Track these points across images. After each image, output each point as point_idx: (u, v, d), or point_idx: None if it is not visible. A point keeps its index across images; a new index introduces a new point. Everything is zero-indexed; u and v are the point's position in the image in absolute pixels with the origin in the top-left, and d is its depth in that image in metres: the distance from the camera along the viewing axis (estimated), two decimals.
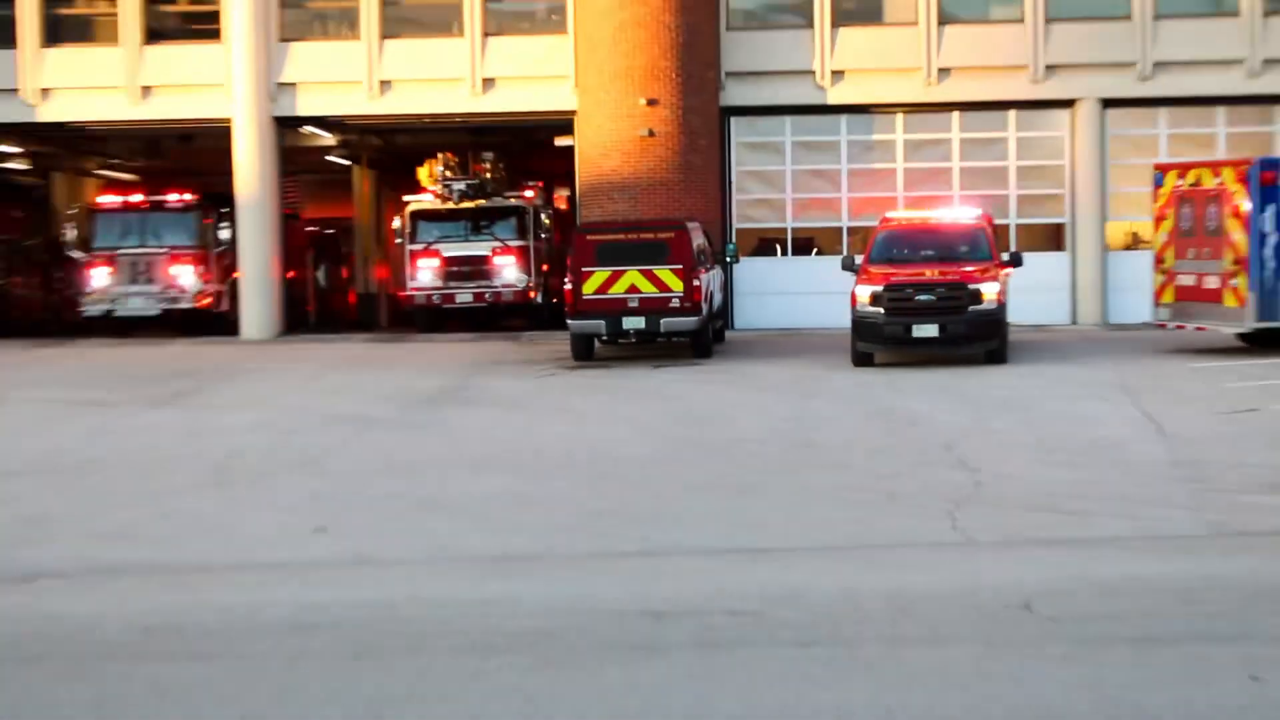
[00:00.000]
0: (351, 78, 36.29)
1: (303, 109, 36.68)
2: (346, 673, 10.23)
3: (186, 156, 42.74)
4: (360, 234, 48.43)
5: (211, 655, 10.75)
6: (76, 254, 37.39)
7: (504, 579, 13.09)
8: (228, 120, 36.11)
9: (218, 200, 37.58)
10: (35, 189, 44.80)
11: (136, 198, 37.98)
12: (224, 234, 37.04)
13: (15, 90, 36.55)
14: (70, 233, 37.63)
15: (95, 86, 36.64)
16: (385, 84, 36.31)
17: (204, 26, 36.83)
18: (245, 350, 33.46)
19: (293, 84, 36.38)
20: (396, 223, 38.13)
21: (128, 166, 46.23)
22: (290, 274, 39.00)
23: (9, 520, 15.95)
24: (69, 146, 42.48)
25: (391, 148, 44.90)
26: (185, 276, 36.68)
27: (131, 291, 36.62)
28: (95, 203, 38.55)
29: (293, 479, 17.88)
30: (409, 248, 37.24)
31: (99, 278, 36.74)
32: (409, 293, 37.16)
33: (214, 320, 36.95)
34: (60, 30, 36.86)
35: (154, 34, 36.68)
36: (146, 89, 36.53)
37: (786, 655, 10.42)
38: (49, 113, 36.81)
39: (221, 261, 37.11)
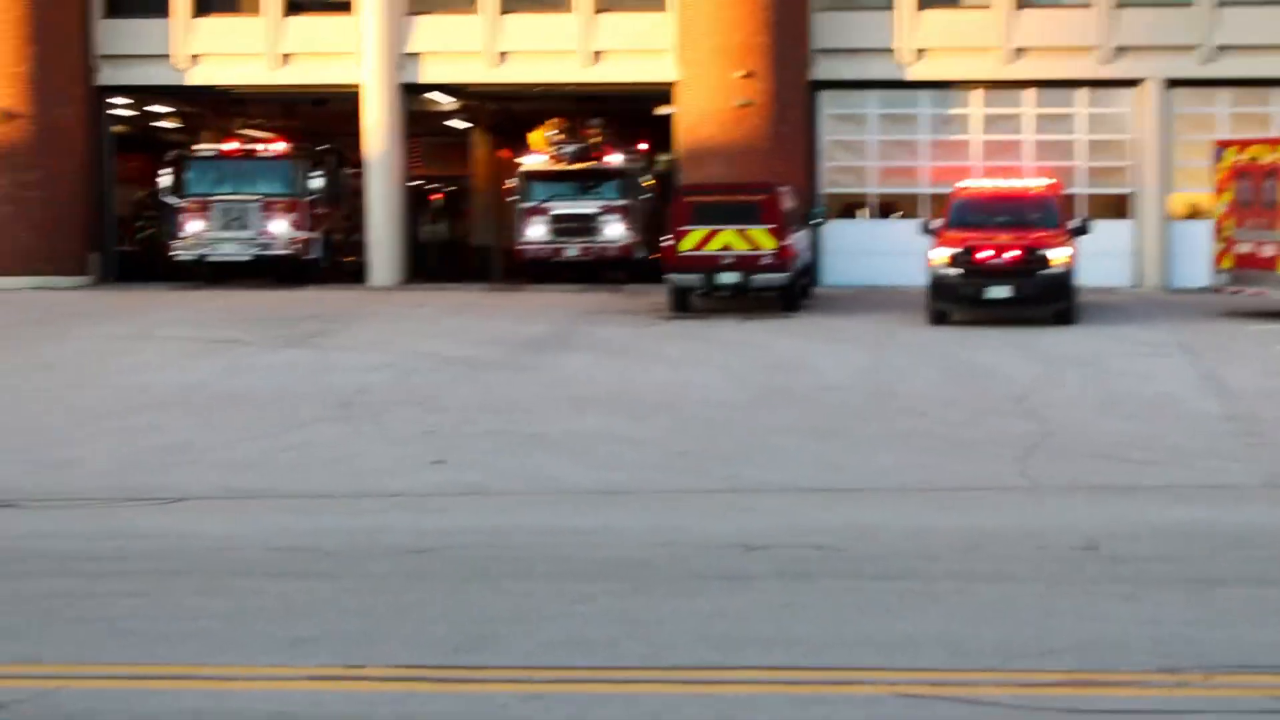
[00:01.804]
0: (472, 48, 36.21)
1: (426, 77, 36.65)
2: (459, 593, 10.21)
3: (319, 119, 42.83)
4: (477, 192, 48.43)
5: (336, 574, 10.77)
6: (172, 200, 35.54)
7: (604, 510, 13.05)
8: (358, 86, 36.13)
9: (311, 151, 36.34)
10: (184, 147, 45.00)
11: (230, 146, 36.35)
12: (315, 183, 35.49)
13: (167, 56, 36.73)
14: (166, 180, 35.51)
15: (239, 53, 36.76)
16: (503, 55, 36.21)
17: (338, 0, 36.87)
18: (371, 296, 33.51)
19: (418, 54, 36.34)
20: (511, 182, 38.06)
21: (266, 127, 46.40)
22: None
23: (155, 448, 16.07)
24: (214, 108, 42.65)
25: (507, 113, 44.80)
26: (276, 223, 34.89)
27: (224, 237, 34.89)
28: (190, 151, 36.60)
29: (410, 415, 17.89)
30: (522, 205, 37.17)
31: (193, 223, 34.97)
32: (521, 247, 37.12)
33: (304, 266, 35.40)
34: (209, 1, 37.01)
35: (293, 5, 36.72)
36: (285, 56, 36.61)
37: (864, 587, 10.31)
38: (197, 77, 36.98)
39: (312, 209, 35.49)
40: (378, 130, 36.08)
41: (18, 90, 35.29)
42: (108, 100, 37.87)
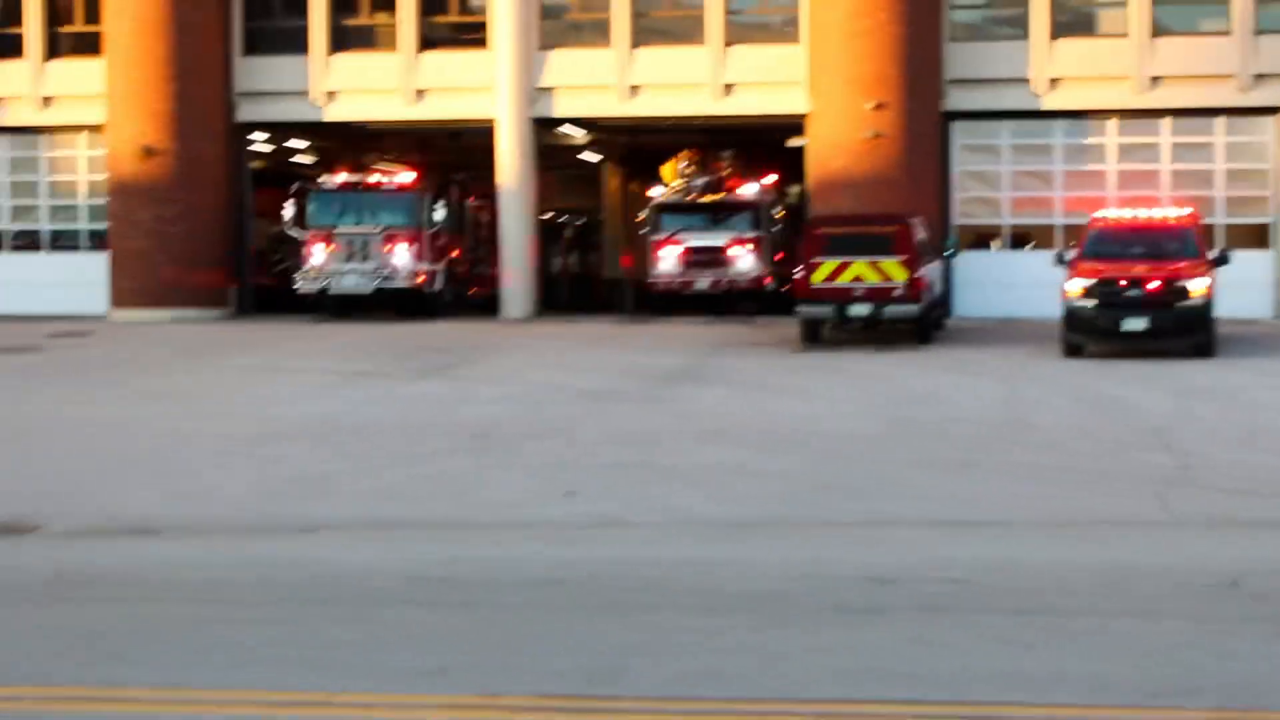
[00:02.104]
0: (604, 82, 36.45)
1: (559, 110, 36.94)
2: (592, 624, 10.23)
3: (453, 153, 43.28)
4: (608, 225, 48.66)
5: (472, 604, 10.83)
6: (294, 232, 35.58)
7: (736, 543, 13.01)
8: (492, 120, 36.48)
9: (434, 182, 36.29)
10: (306, 179, 45.47)
11: (354, 177, 36.16)
12: (438, 215, 35.33)
13: (305, 93, 37.35)
14: (289, 212, 35.51)
15: (374, 89, 37.29)
16: (634, 88, 36.40)
17: (472, 35, 37.27)
18: (503, 328, 33.78)
19: (550, 88, 36.64)
20: (642, 215, 38.21)
21: (401, 161, 46.94)
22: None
23: (292, 477, 16.27)
24: (350, 143, 43.28)
25: (638, 146, 45.02)
26: (399, 256, 34.75)
27: (346, 269, 34.79)
28: (314, 182, 36.46)
29: (542, 446, 17.97)
30: (653, 238, 37.30)
31: (316, 255, 34.94)
32: (652, 279, 37.23)
33: (427, 300, 35.23)
34: (345, 38, 37.58)
35: (427, 41, 37.21)
36: (420, 91, 37.08)
37: (1000, 623, 10.18)
38: (334, 113, 37.56)
39: (435, 241, 35.37)
40: (511, 163, 36.40)
41: (159, 126, 36.04)
42: (247, 136, 38.55)
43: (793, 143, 36.92)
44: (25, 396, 22.86)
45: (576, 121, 39.03)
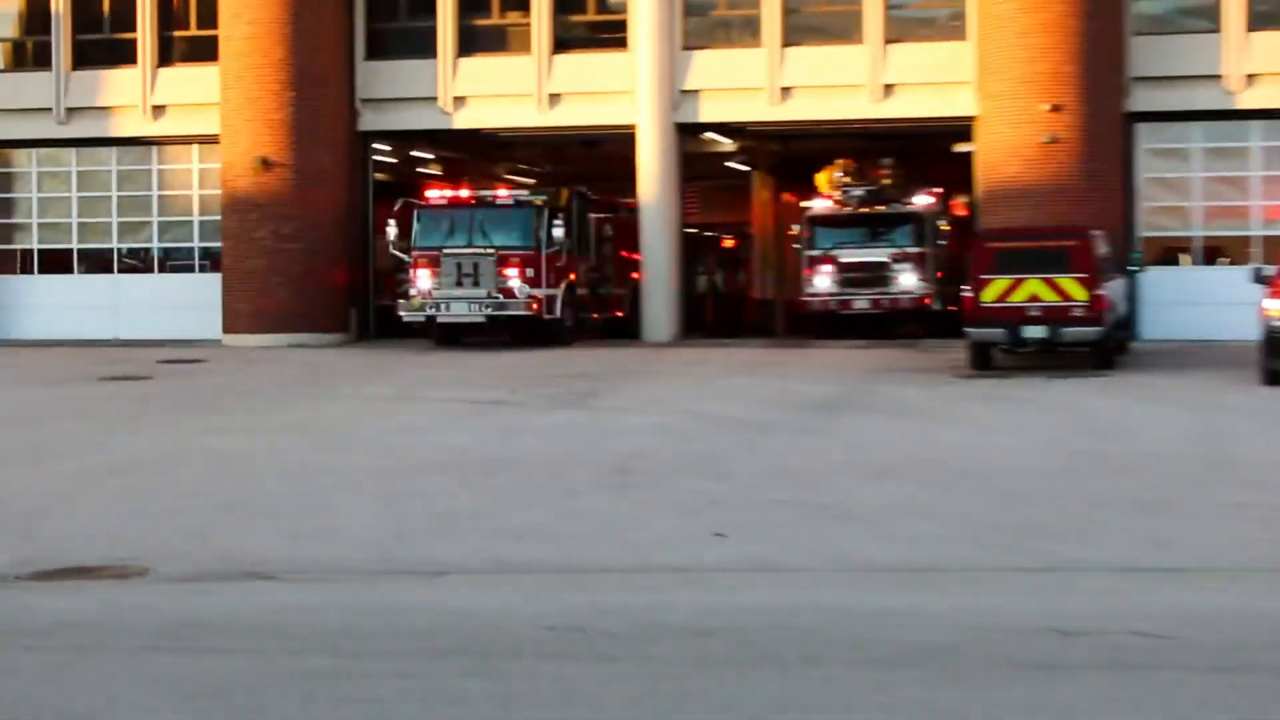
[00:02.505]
0: (753, 84, 36.44)
1: (704, 115, 36.98)
2: (747, 678, 10.11)
3: (589, 162, 43.51)
4: (757, 240, 48.59)
5: (614, 656, 10.77)
6: (398, 253, 35.18)
7: (904, 590, 12.84)
8: (631, 126, 36.60)
9: (553, 195, 35.47)
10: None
11: (464, 193, 35.40)
12: (557, 232, 34.34)
13: (432, 99, 37.72)
14: (392, 230, 34.95)
15: (506, 94, 37.59)
16: (786, 90, 36.34)
17: (610, 35, 37.47)
18: (644, 353, 33.82)
19: (695, 91, 36.70)
20: (794, 228, 38.09)
21: (532, 172, 47.31)
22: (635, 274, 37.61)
23: (420, 515, 16.35)
24: (479, 152, 43.66)
25: (789, 153, 44.94)
26: (514, 280, 33.84)
27: (455, 295, 34.06)
28: (419, 199, 35.68)
29: (691, 482, 17.91)
30: (806, 253, 37.19)
31: (421, 278, 34.36)
32: (805, 298, 37.09)
33: (545, 327, 34.55)
34: (474, 40, 37.92)
35: (562, 43, 37.45)
36: (554, 96, 37.30)
37: (1199, 681, 9.92)
38: (463, 120, 37.91)
39: (554, 263, 34.51)
40: (652, 174, 36.46)
41: (277, 137, 36.49)
42: (370, 146, 38.96)
43: (960, 149, 36.64)
44: (135, 428, 23.22)
45: (723, 127, 39.04)
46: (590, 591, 13.00)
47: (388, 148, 40.67)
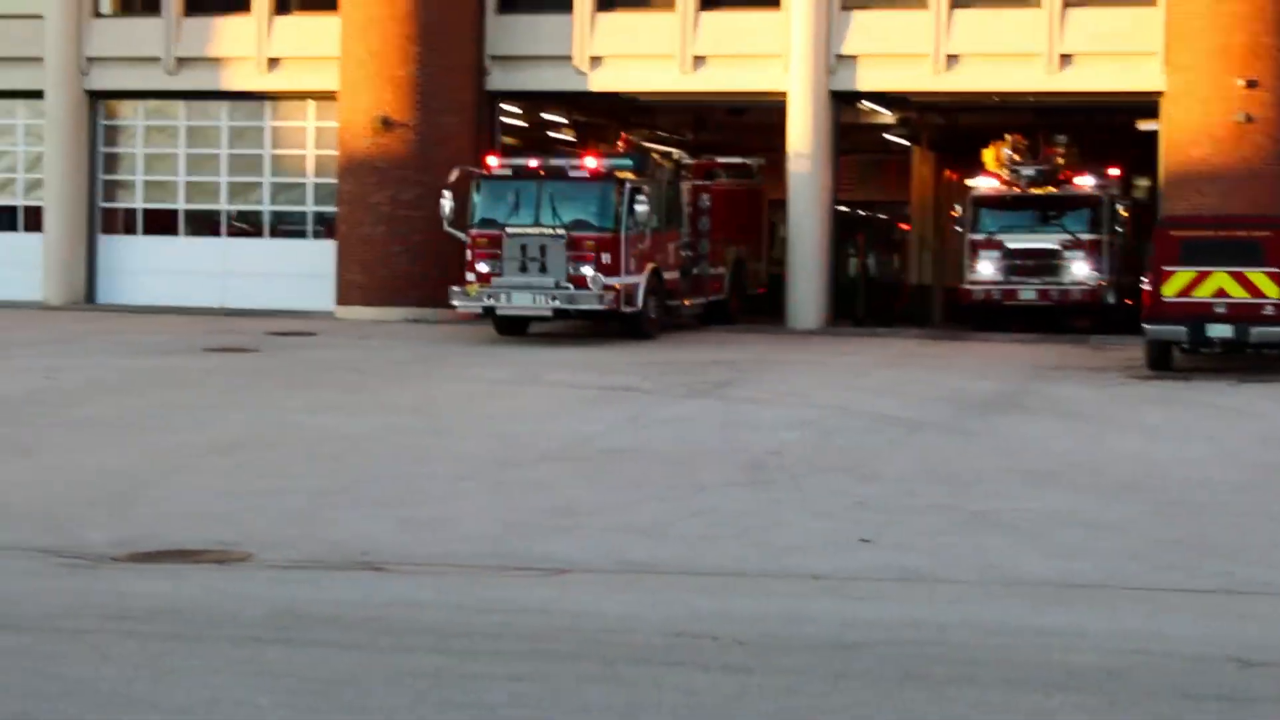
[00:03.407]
0: (916, 50, 36.23)
1: (862, 83, 36.82)
2: (891, 698, 10.13)
3: (734, 131, 43.51)
4: (916, 221, 48.37)
5: (747, 668, 10.82)
6: (454, 231, 32.76)
7: (1065, 608, 12.78)
8: (782, 93, 36.52)
9: (645, 163, 33.37)
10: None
11: (532, 162, 32.72)
12: (639, 209, 31.84)
13: (566, 58, 37.82)
14: (447, 205, 32.59)
15: (646, 54, 37.60)
16: (952, 58, 36.11)
17: None
18: (788, 341, 33.79)
19: (853, 56, 36.55)
20: (957, 209, 37.89)
21: (673, 140, 47.37)
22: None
23: (539, 508, 16.47)
24: (615, 116, 43.76)
25: (954, 127, 44.68)
26: (587, 267, 31.22)
27: (518, 284, 31.55)
28: (480, 167, 33.32)
29: (833, 482, 17.92)
30: (969, 237, 36.96)
31: (480, 263, 31.87)
32: (966, 286, 36.88)
33: (626, 320, 32.31)
34: None
35: (708, 1, 37.38)
36: (699, 58, 37.28)
37: None
38: (599, 81, 37.97)
39: (636, 246, 32.08)
40: (802, 144, 36.38)
41: (399, 95, 36.72)
42: (498, 106, 39.10)
43: (1143, 126, 36.27)
44: (240, 404, 23.59)
45: (882, 97, 38.89)
46: (721, 596, 13.06)
47: (517, 109, 40.83)
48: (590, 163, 32.36)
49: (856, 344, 33.23)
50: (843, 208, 40.89)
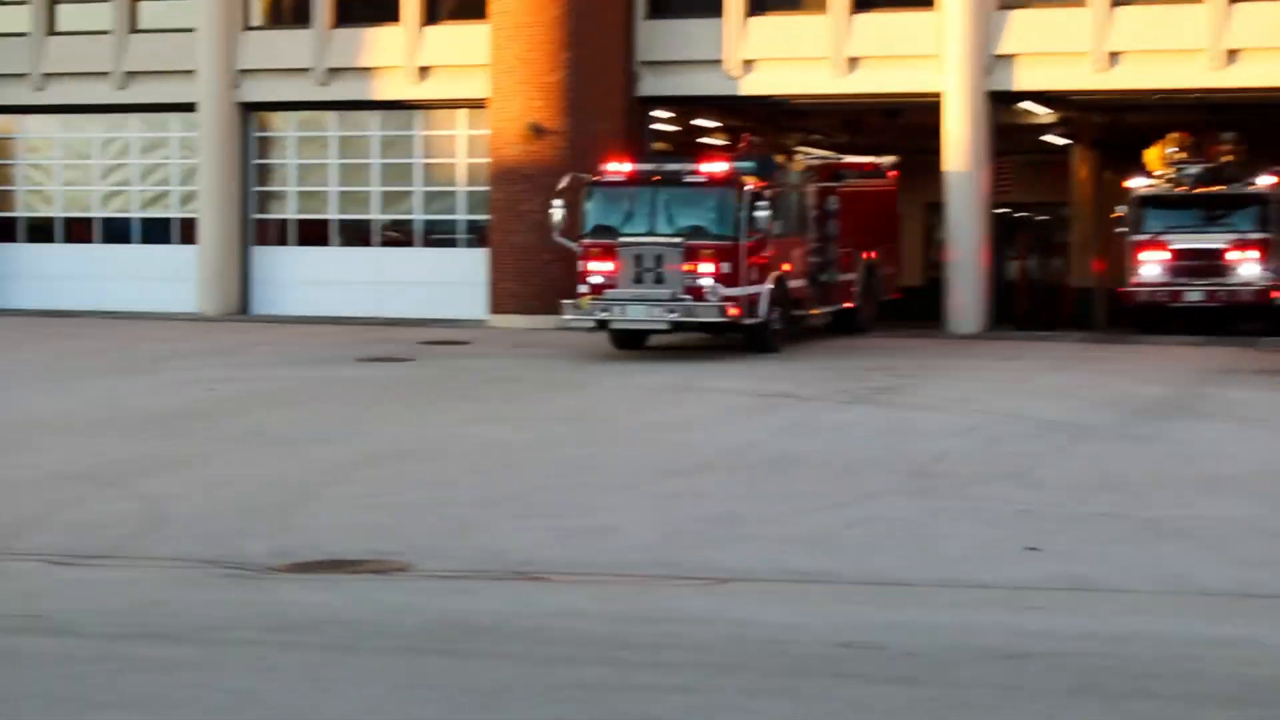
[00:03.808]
0: (1075, 48, 35.81)
1: (1020, 83, 36.45)
2: (1064, 710, 9.99)
3: (888, 132, 43.26)
4: (1077, 222, 47.85)
5: (916, 679, 10.71)
6: (565, 241, 31.59)
7: (1244, 619, 12.56)
8: (938, 94, 36.26)
9: (763, 163, 32.09)
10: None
11: (646, 167, 31.46)
12: (760, 214, 30.19)
13: (717, 62, 37.79)
14: (557, 212, 31.36)
15: (798, 57, 37.47)
16: (1113, 55, 35.65)
17: None
18: (947, 345, 33.54)
19: (1010, 55, 36.20)
20: (1119, 210, 37.44)
21: (826, 143, 47.19)
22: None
23: (699, 517, 16.43)
24: (767, 121, 43.65)
25: (1115, 126, 44.16)
26: (705, 278, 29.85)
27: (632, 296, 30.34)
28: (588, 174, 32.15)
29: (999, 490, 17.75)
30: (1132, 238, 36.50)
31: (594, 274, 30.63)
32: (1130, 288, 36.43)
33: (751, 333, 30.95)
34: None
35: (861, 1, 37.19)
36: (852, 60, 37.09)
37: None
38: (750, 85, 37.89)
39: (758, 254, 30.54)
40: (959, 145, 36.12)
41: (550, 102, 36.82)
42: (649, 113, 39.14)
43: None
44: (397, 415, 23.74)
45: (1040, 96, 38.49)
46: (887, 607, 12.96)
47: (668, 115, 40.86)
48: (708, 167, 31.13)
49: (1018, 348, 32.91)
50: (1002, 210, 40.46)
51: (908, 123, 40.78)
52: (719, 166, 31.12)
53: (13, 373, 28.86)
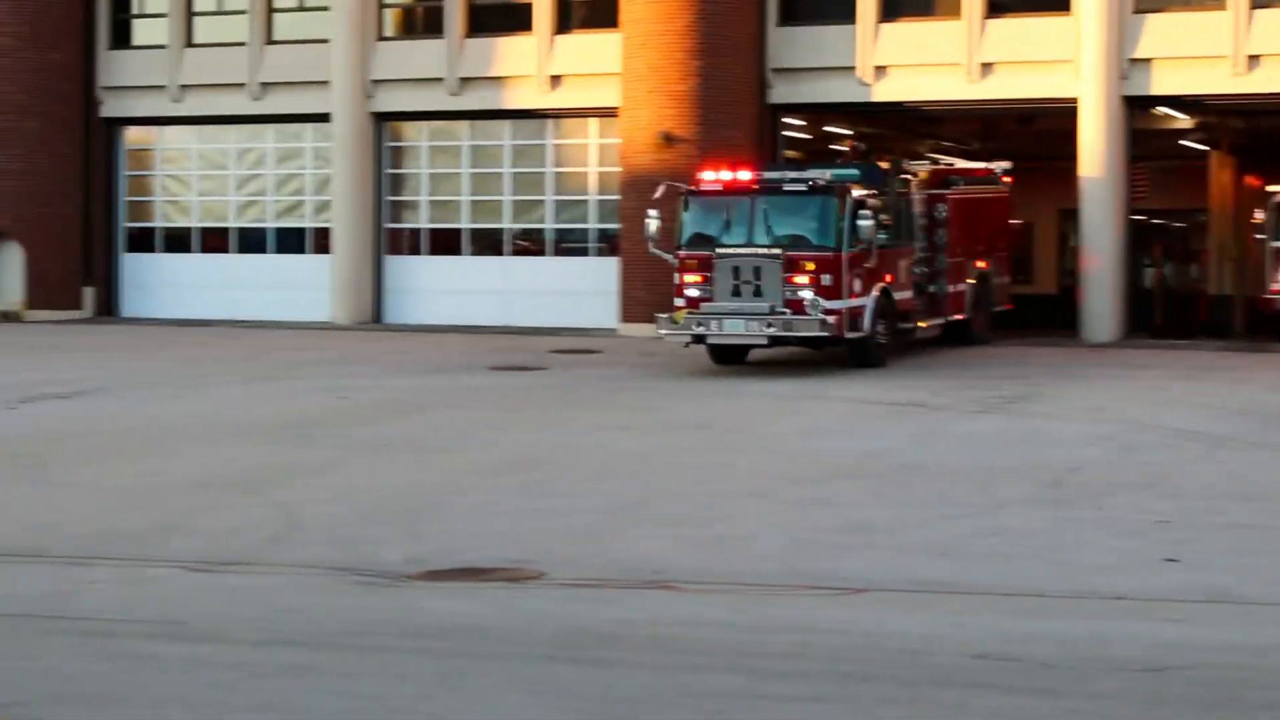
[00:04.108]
0: (1213, 52, 35.45)
1: (1156, 87, 36.14)
2: None
3: (1022, 138, 42.97)
4: (1215, 229, 47.28)
5: (1056, 690, 10.62)
6: (661, 252, 30.45)
7: None
8: (1073, 100, 35.99)
9: (869, 170, 31.47)
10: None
11: (744, 175, 30.23)
12: (863, 223, 29.05)
13: (849, 68, 37.70)
14: (653, 222, 30.38)
15: (931, 63, 37.33)
16: (1252, 59, 35.26)
17: None
18: (1081, 354, 33.27)
19: (1146, 60, 35.91)
20: (1259, 215, 36.95)
21: (959, 150, 46.90)
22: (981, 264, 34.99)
23: (831, 526, 16.38)
24: (900, 128, 43.49)
25: (1255, 131, 43.61)
26: (805, 290, 28.74)
27: (730, 310, 29.08)
28: (688, 183, 31.04)
29: (1136, 499, 17.58)
30: (1272, 244, 36.01)
31: (689, 286, 29.45)
32: (1270, 296, 35.95)
33: (852, 347, 29.92)
34: (898, 4, 37.77)
35: (995, 6, 37.02)
36: (986, 66, 36.91)
37: None
38: (883, 92, 37.79)
39: (861, 264, 29.43)
40: (1095, 152, 35.87)
41: (680, 110, 36.88)
42: (780, 120, 39.09)
43: None
44: (528, 422, 23.86)
45: (1177, 100, 38.09)
46: (1023, 617, 12.85)
47: (799, 122, 40.80)
48: (809, 174, 30.23)
49: (1154, 357, 32.58)
50: (1138, 216, 40.04)
51: (1042, 129, 40.46)
52: (820, 173, 30.23)
53: (149, 381, 29.26)
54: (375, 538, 15.96)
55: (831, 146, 42.66)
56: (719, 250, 29.29)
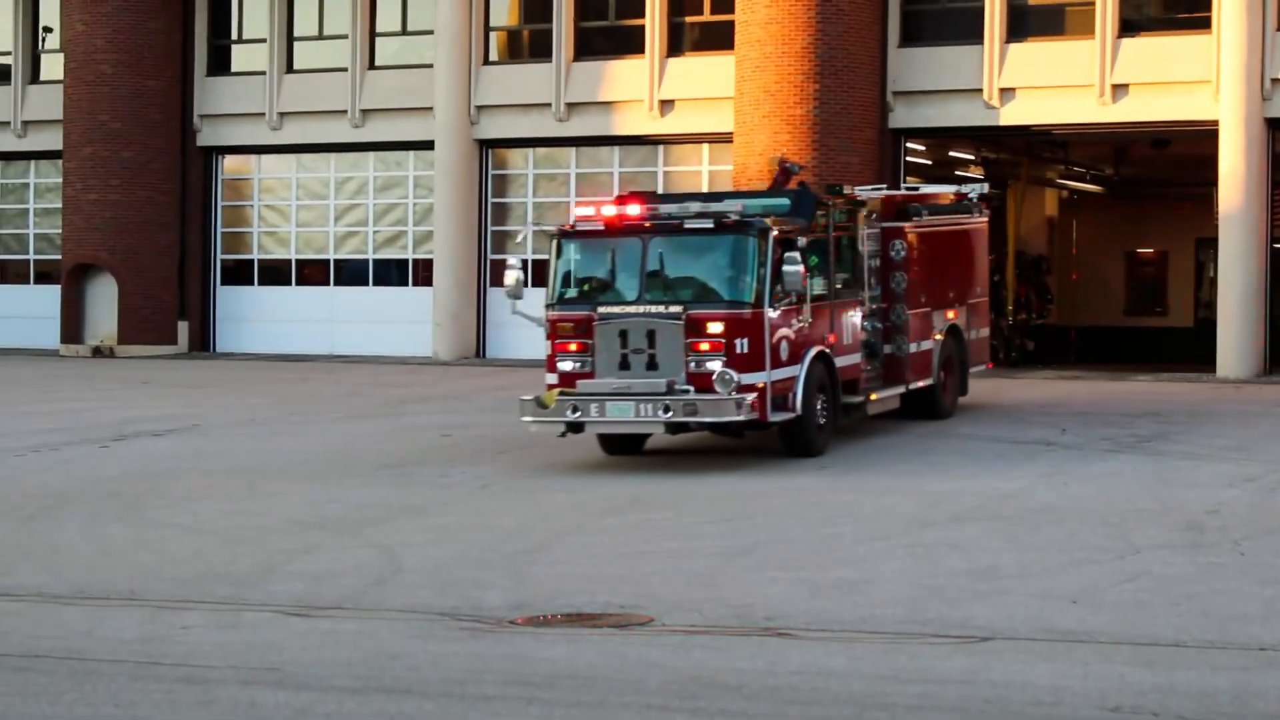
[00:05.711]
0: None
1: None
2: None
3: (1157, 164, 42.68)
4: None
5: None
6: (524, 314, 24.84)
7: None
8: (1212, 122, 35.69)
9: (800, 199, 24.95)
10: (993, 200, 44.99)
11: (632, 210, 24.03)
12: (791, 269, 22.72)
13: (977, 90, 37.54)
14: (513, 275, 24.83)
15: (1061, 85, 37.14)
16: None
17: (1187, 15, 36.64)
18: (1217, 390, 32.98)
19: None
20: None
21: (1091, 175, 46.63)
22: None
23: (956, 571, 16.29)
24: (1027, 152, 43.28)
25: None
26: (713, 360, 22.75)
27: (612, 388, 22.97)
28: (564, 224, 24.77)
29: (1279, 544, 17.38)
30: None
31: (564, 358, 23.59)
32: None
33: (785, 431, 23.87)
34: (1026, 23, 37.63)
35: (1129, 25, 36.80)
36: (1118, 87, 36.69)
37: None
38: (1010, 115, 37.60)
39: (787, 325, 23.44)
40: (1236, 178, 35.53)
41: (797, 136, 36.84)
42: (902, 145, 38.96)
43: None
44: (635, 461, 23.87)
45: None
46: (1160, 668, 12.71)
47: (921, 147, 40.66)
48: (718, 207, 24.26)
49: None
50: None
51: (1177, 153, 40.17)
52: (734, 205, 24.42)
53: (246, 418, 29.52)
54: (479, 581, 16.01)
55: (957, 173, 42.55)
56: (601, 310, 23.33)
